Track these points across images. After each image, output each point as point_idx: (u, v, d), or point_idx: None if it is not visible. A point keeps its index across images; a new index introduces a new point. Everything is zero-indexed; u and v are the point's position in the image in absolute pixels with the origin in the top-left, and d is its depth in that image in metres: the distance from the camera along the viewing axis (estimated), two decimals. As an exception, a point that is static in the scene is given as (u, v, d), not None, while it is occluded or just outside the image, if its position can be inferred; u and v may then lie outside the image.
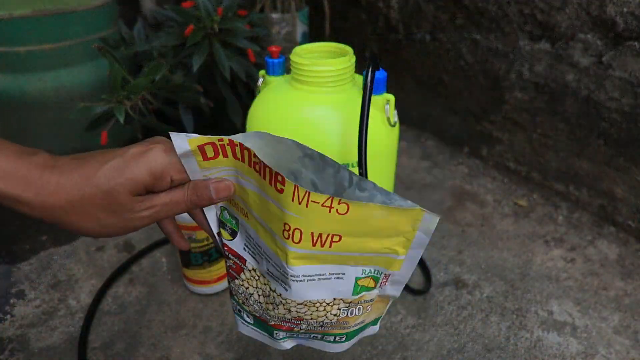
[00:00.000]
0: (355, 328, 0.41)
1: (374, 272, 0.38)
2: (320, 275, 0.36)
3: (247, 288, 0.41)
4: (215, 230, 0.40)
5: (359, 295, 0.38)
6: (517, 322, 0.64)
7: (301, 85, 0.54)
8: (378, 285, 0.38)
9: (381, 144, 0.54)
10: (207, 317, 0.64)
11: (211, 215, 0.40)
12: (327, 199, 0.32)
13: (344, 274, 0.37)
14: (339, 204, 0.32)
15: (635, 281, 0.71)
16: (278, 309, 0.38)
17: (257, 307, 0.41)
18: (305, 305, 0.38)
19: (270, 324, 0.41)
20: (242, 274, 0.40)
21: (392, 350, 0.60)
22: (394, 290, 0.39)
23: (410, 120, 1.15)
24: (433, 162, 1.01)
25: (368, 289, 0.38)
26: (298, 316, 0.38)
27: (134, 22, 1.00)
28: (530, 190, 0.91)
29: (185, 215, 0.58)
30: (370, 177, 0.50)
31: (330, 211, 0.33)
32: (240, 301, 0.42)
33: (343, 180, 0.37)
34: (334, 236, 0.34)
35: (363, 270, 0.37)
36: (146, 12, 1.10)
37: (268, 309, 0.40)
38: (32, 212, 0.33)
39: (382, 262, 0.37)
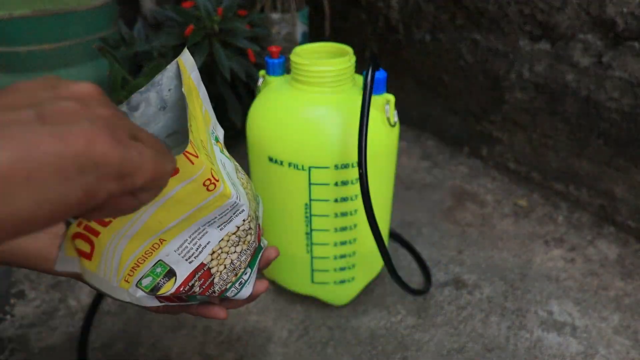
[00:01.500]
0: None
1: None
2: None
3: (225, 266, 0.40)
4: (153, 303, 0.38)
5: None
6: (517, 322, 0.64)
7: (301, 85, 0.54)
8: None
9: (381, 144, 0.54)
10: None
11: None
12: None
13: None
14: None
15: (635, 281, 0.71)
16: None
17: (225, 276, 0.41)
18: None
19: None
20: (213, 277, 0.40)
21: (392, 350, 0.60)
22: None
23: (410, 120, 1.15)
24: (433, 162, 1.01)
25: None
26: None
27: (134, 22, 1.00)
28: (530, 190, 0.91)
29: None
30: (370, 177, 0.50)
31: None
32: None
33: None
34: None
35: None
36: (146, 12, 1.10)
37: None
38: None
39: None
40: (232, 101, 0.91)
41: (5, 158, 0.20)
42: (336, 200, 0.55)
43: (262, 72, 0.60)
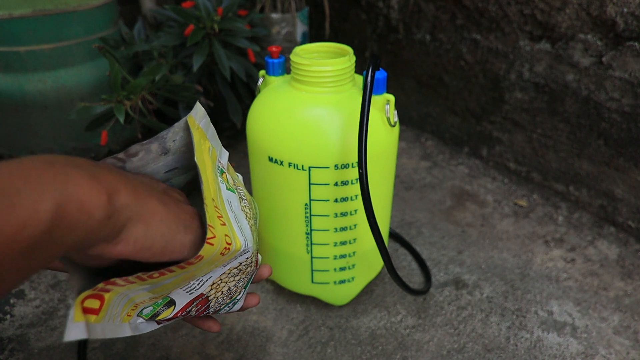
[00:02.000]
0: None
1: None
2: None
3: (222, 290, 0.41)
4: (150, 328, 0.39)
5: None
6: (517, 323, 0.64)
7: (301, 85, 0.54)
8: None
9: (381, 144, 0.54)
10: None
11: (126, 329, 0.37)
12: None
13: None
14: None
15: (635, 281, 0.71)
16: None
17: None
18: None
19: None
20: (210, 302, 0.41)
21: (392, 350, 0.60)
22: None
23: (410, 120, 1.15)
24: (433, 162, 1.01)
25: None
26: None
27: (134, 22, 1.00)
28: (530, 190, 0.91)
29: None
30: (370, 177, 0.50)
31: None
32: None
33: (114, 165, 0.38)
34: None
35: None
36: (146, 12, 1.10)
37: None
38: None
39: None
40: (232, 101, 0.91)
41: (154, 207, 0.33)
42: (336, 201, 0.55)
43: (262, 72, 0.60)
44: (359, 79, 0.58)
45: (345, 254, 0.59)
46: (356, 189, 0.54)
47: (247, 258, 0.41)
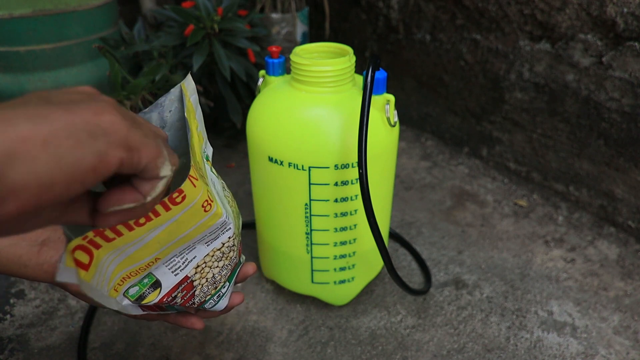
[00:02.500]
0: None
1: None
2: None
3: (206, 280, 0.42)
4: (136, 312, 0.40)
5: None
6: (517, 323, 0.64)
7: (301, 85, 0.54)
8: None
9: (381, 144, 0.54)
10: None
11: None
12: None
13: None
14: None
15: (635, 281, 0.71)
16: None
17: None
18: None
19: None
20: (195, 289, 0.41)
21: (392, 350, 0.60)
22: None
23: (410, 120, 1.15)
24: (433, 162, 1.01)
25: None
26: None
27: (134, 22, 1.00)
28: (530, 190, 0.91)
29: None
30: (370, 177, 0.50)
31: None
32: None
33: None
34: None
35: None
36: (146, 12, 1.10)
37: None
38: None
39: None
40: (232, 101, 0.91)
41: (22, 126, 0.22)
42: (336, 201, 0.55)
43: (262, 72, 0.60)
44: (359, 79, 0.58)
45: (345, 254, 0.59)
46: (356, 189, 0.54)
47: (230, 238, 0.41)
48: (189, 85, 0.39)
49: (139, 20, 0.99)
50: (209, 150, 0.44)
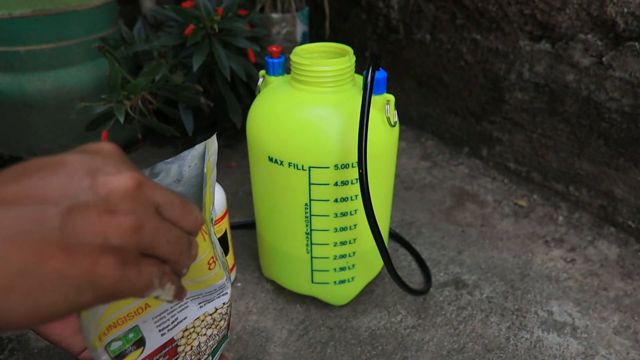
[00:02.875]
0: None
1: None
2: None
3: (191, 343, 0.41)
4: None
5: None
6: (517, 323, 0.64)
7: (301, 85, 0.54)
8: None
9: (381, 144, 0.54)
10: (207, 317, 0.64)
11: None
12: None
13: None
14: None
15: (635, 281, 0.71)
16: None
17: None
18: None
19: None
20: (178, 356, 0.40)
21: (392, 351, 0.60)
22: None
23: (410, 120, 1.15)
24: (433, 162, 1.01)
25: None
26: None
27: (134, 22, 1.00)
28: (530, 190, 0.91)
29: None
30: (370, 177, 0.50)
31: None
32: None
33: None
34: None
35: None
36: (146, 12, 1.10)
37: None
38: None
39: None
40: (232, 101, 0.91)
41: (14, 270, 0.21)
42: (336, 201, 0.55)
43: (262, 72, 0.60)
44: (359, 79, 0.58)
45: (345, 254, 0.59)
46: (356, 189, 0.54)
47: (224, 304, 0.41)
48: (212, 144, 0.40)
49: (139, 20, 0.99)
50: (214, 214, 0.44)
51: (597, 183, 0.82)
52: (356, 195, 0.55)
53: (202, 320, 0.40)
